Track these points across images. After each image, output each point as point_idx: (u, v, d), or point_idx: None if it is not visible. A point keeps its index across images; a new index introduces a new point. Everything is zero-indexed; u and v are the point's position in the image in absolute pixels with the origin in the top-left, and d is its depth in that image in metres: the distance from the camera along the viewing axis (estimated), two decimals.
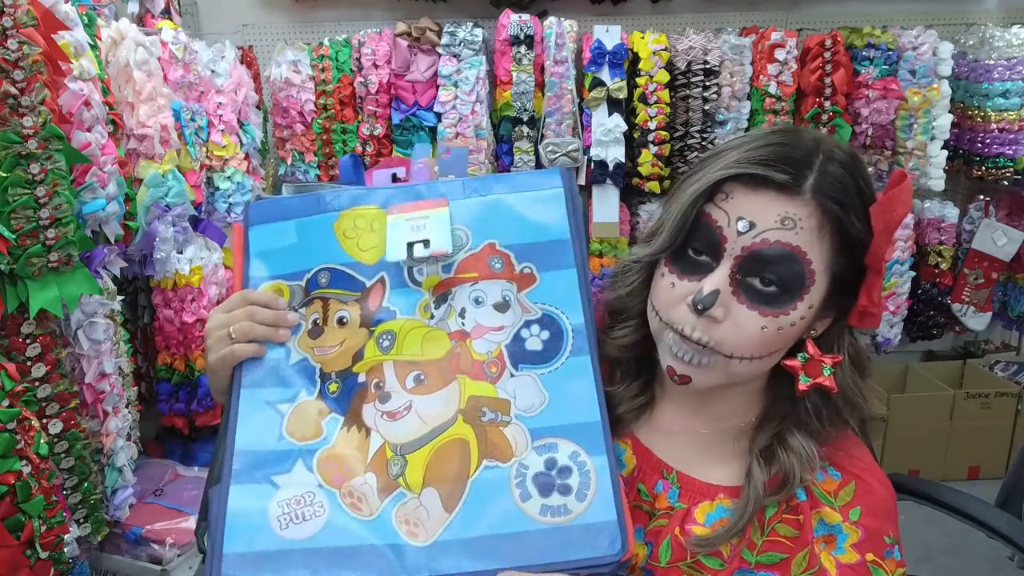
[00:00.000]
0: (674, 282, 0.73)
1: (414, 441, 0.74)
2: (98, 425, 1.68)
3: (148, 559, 1.82)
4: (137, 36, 1.82)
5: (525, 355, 0.76)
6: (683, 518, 0.77)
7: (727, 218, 0.70)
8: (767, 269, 0.69)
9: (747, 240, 0.69)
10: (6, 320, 1.46)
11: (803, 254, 0.68)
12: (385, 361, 0.78)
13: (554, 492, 0.70)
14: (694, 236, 0.72)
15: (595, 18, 2.70)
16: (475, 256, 0.79)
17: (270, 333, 0.79)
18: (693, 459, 0.80)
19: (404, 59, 2.53)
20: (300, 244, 0.82)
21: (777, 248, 0.68)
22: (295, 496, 0.73)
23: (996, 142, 2.62)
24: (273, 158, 2.69)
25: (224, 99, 2.25)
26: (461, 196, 0.81)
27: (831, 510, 0.72)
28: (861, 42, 2.54)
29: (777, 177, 0.68)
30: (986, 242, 2.79)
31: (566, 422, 0.73)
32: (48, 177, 1.43)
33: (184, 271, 2.00)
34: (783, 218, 0.68)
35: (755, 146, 0.71)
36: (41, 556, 1.38)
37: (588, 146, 2.59)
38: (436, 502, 0.72)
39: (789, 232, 0.68)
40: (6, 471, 1.32)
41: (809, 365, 0.72)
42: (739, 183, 0.70)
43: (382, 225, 0.81)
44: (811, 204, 0.69)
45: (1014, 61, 2.56)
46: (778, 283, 0.69)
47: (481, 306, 0.78)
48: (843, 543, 0.71)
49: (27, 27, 1.37)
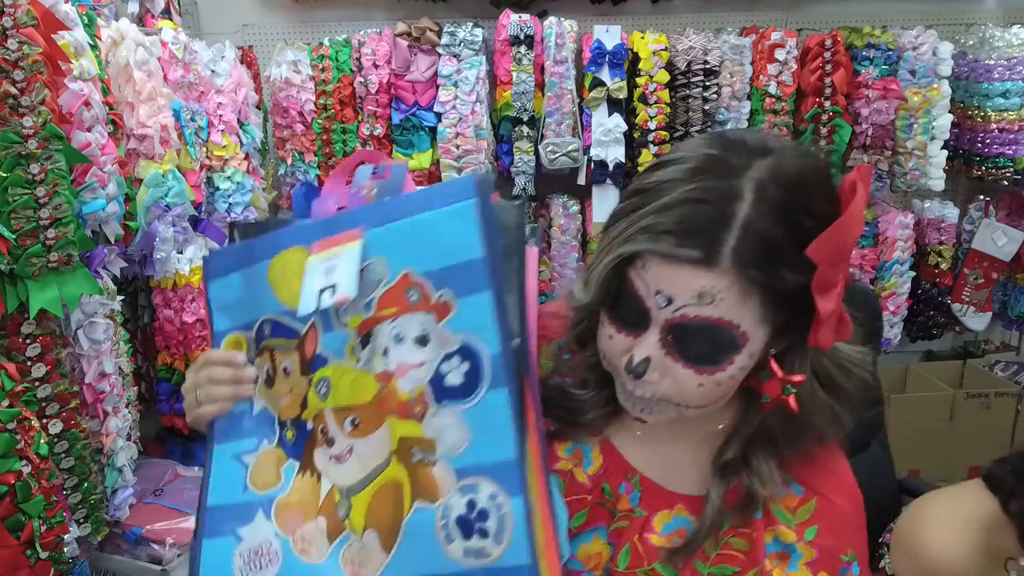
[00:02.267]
0: (612, 335, 0.70)
1: (357, 483, 0.75)
2: (98, 425, 1.68)
3: (148, 559, 1.82)
4: (137, 36, 1.82)
5: (446, 391, 0.72)
6: (642, 526, 0.77)
7: (647, 289, 0.65)
8: (692, 340, 0.65)
9: (668, 313, 0.64)
10: (6, 320, 1.46)
11: (727, 324, 0.63)
12: (325, 408, 0.78)
13: (474, 535, 0.70)
14: (621, 299, 0.68)
15: (595, 18, 2.70)
16: (392, 290, 0.74)
17: (233, 391, 0.81)
18: (658, 463, 0.79)
19: (404, 59, 2.53)
20: (245, 295, 0.83)
21: (698, 322, 0.63)
22: (254, 547, 0.78)
23: (996, 142, 2.62)
24: (273, 158, 2.69)
25: (224, 99, 2.25)
26: (376, 223, 0.76)
27: (787, 528, 0.71)
28: (861, 42, 2.54)
29: (688, 255, 0.61)
30: (986, 242, 2.79)
31: (486, 460, 0.71)
32: (48, 177, 1.43)
33: (184, 271, 2.00)
34: (700, 293, 0.62)
35: (669, 206, 0.62)
36: (41, 556, 1.38)
37: (588, 146, 2.59)
38: (376, 543, 0.73)
39: (708, 307, 0.62)
40: (6, 471, 1.32)
41: (770, 384, 0.69)
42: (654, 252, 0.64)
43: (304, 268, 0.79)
44: (730, 273, 0.61)
45: (1014, 61, 2.56)
46: (708, 349, 0.65)
47: (402, 343, 0.74)
48: (797, 562, 0.70)
49: (27, 27, 1.37)
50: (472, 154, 2.56)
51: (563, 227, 2.73)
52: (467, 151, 2.56)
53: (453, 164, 2.58)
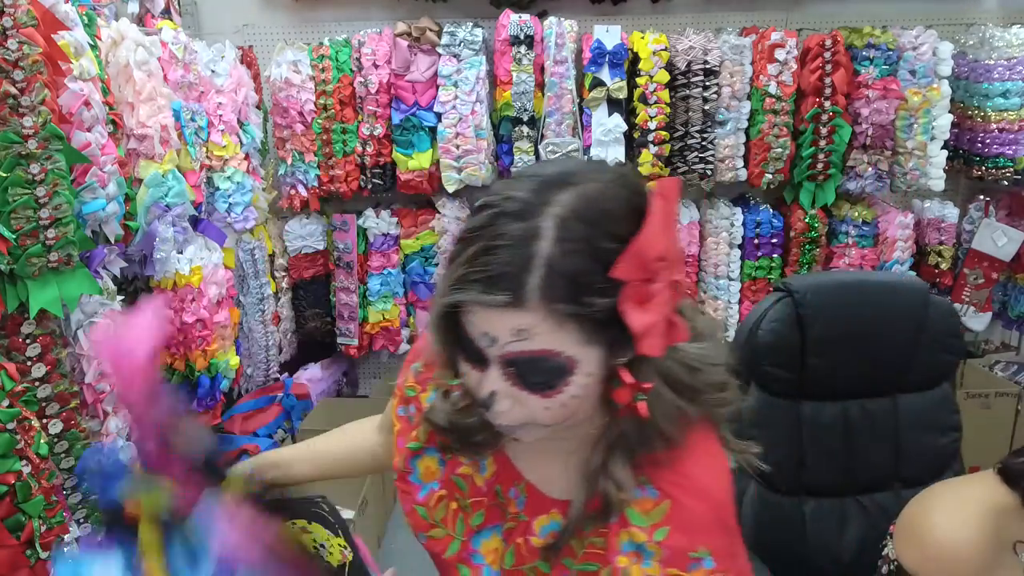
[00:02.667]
0: (466, 371, 0.73)
1: None
2: (98, 425, 1.68)
3: None
4: (137, 36, 1.83)
5: None
6: (525, 529, 0.83)
7: (475, 331, 0.69)
8: (527, 371, 0.68)
9: (498, 350, 0.68)
10: (6, 320, 1.46)
11: (550, 353, 0.67)
12: None
13: None
14: (462, 340, 0.71)
15: (595, 18, 2.70)
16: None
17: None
18: (540, 470, 0.84)
19: (404, 59, 2.53)
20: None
21: (524, 356, 0.67)
22: None
23: (996, 142, 2.62)
24: (273, 158, 2.69)
25: (224, 99, 2.25)
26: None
27: (638, 530, 0.74)
28: (861, 42, 2.54)
29: (496, 300, 0.65)
30: (986, 242, 2.79)
31: None
32: (48, 177, 1.43)
33: (184, 271, 2.00)
34: (516, 331, 0.66)
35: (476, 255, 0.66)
36: (41, 556, 1.38)
37: (588, 146, 2.59)
38: None
39: (527, 342, 0.66)
40: (6, 471, 1.32)
41: (620, 392, 0.71)
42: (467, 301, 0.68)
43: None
44: (539, 310, 0.65)
45: (1014, 61, 2.56)
46: (543, 376, 0.69)
47: None
48: (649, 559, 0.73)
49: (27, 27, 1.37)
50: (472, 154, 2.56)
51: None
52: (467, 151, 2.56)
53: (453, 164, 2.58)
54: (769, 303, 1.37)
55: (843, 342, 1.35)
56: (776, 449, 1.35)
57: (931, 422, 1.39)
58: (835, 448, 1.38)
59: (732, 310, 2.83)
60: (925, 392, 1.40)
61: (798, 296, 1.34)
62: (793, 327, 1.34)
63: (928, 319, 1.36)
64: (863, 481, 1.40)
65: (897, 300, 1.38)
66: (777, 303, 1.36)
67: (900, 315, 1.37)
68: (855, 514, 1.39)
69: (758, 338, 1.35)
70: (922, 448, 1.39)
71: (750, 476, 1.34)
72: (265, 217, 2.61)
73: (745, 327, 1.38)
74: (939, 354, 1.38)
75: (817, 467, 1.38)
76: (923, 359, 1.38)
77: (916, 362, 1.38)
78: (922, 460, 1.39)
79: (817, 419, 1.38)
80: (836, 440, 1.38)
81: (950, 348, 1.39)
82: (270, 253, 2.66)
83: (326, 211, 2.80)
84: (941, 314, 1.38)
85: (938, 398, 1.40)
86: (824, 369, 1.35)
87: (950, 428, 1.41)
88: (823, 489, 1.40)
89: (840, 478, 1.39)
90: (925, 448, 1.39)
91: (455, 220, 2.70)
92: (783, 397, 1.37)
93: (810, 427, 1.37)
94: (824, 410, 1.38)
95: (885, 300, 1.38)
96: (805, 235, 2.71)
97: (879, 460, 1.39)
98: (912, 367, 1.38)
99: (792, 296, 1.35)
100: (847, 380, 1.38)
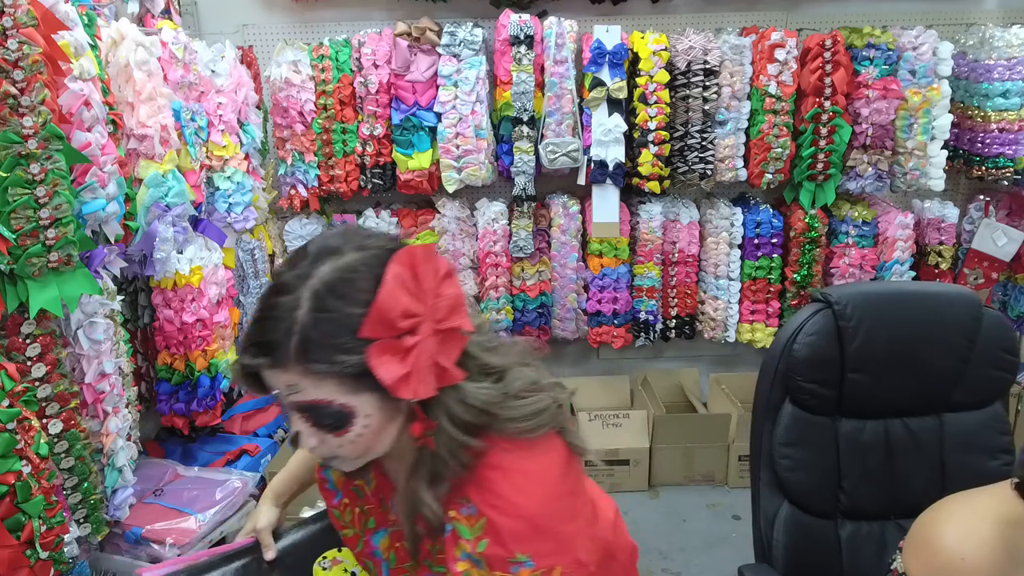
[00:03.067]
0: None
1: None
2: (98, 425, 1.68)
3: (148, 559, 1.82)
4: (137, 36, 1.83)
5: None
6: (401, 535, 0.92)
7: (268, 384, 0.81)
8: (313, 415, 0.79)
9: (285, 400, 0.80)
10: (6, 320, 1.46)
11: (323, 402, 0.78)
12: None
13: None
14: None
15: (595, 18, 2.70)
16: None
17: None
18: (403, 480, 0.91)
19: (404, 59, 2.53)
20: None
21: (304, 405, 0.79)
22: None
23: (996, 142, 2.62)
24: (273, 158, 2.69)
25: (224, 99, 2.25)
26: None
27: (466, 542, 0.83)
28: (861, 42, 2.54)
29: (265, 363, 0.77)
30: (986, 242, 2.79)
31: None
32: (48, 177, 1.43)
33: (184, 271, 2.00)
34: (287, 385, 0.78)
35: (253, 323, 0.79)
36: (41, 556, 1.38)
37: (588, 146, 2.59)
38: None
39: (299, 394, 0.78)
40: (6, 471, 1.32)
41: (414, 427, 0.82)
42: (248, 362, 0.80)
43: None
44: (298, 369, 0.76)
45: (1014, 61, 2.56)
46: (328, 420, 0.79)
47: None
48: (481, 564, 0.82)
49: (27, 27, 1.37)
50: (472, 154, 2.56)
51: (563, 227, 2.73)
52: (467, 151, 2.56)
53: (453, 164, 2.58)
54: (807, 315, 1.29)
55: (886, 357, 1.27)
56: (811, 469, 1.29)
57: (980, 443, 1.30)
58: (875, 469, 1.30)
59: (732, 310, 2.83)
60: (974, 411, 1.31)
61: (838, 308, 1.26)
62: (832, 340, 1.26)
63: (981, 333, 1.28)
64: (904, 504, 1.29)
65: (947, 312, 1.29)
66: (815, 315, 1.28)
67: (950, 328, 1.28)
68: (895, 539, 1.29)
69: (794, 352, 1.27)
70: (969, 471, 1.29)
71: (783, 497, 1.31)
72: (265, 217, 2.61)
73: (780, 340, 1.31)
74: (991, 371, 1.30)
75: (855, 489, 1.30)
76: (973, 376, 1.29)
77: (965, 379, 1.29)
78: (969, 484, 1.26)
79: (856, 438, 1.30)
80: (876, 460, 1.30)
81: (1004, 365, 1.30)
82: (270, 253, 2.66)
83: (326, 211, 2.80)
84: (995, 328, 1.29)
85: (987, 418, 1.31)
86: (865, 385, 1.28)
87: (1000, 450, 1.31)
88: (861, 512, 1.31)
89: (880, 501, 1.31)
90: (973, 471, 1.29)
91: (455, 220, 2.70)
92: (820, 414, 1.30)
93: (848, 446, 1.29)
94: (864, 428, 1.30)
95: (933, 312, 1.29)
96: (805, 235, 2.71)
97: (922, 482, 1.30)
98: (961, 384, 1.29)
99: (832, 307, 1.27)
100: (889, 397, 1.30)
